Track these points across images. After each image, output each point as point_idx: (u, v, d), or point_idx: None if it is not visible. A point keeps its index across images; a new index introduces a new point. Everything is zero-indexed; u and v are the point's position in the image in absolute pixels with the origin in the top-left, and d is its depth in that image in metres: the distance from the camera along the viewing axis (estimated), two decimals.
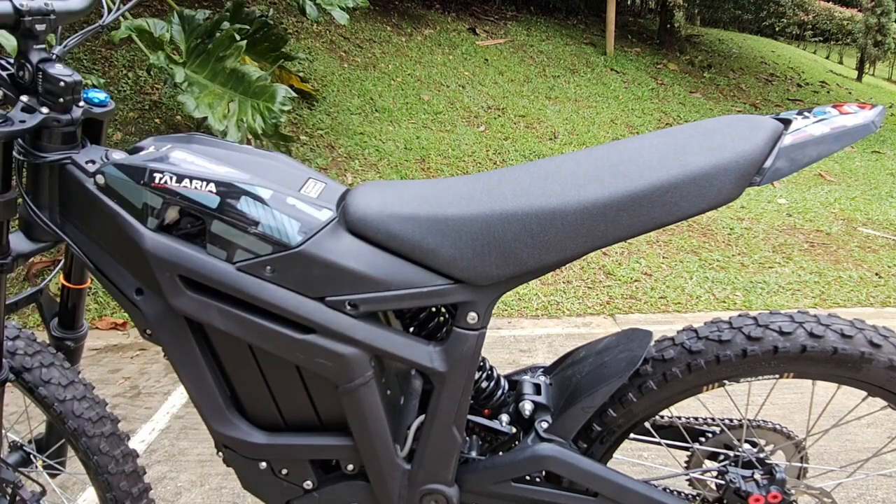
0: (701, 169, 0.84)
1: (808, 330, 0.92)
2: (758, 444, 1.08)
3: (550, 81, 6.22)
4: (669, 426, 1.12)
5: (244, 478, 1.05)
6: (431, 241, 0.89)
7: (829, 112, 0.89)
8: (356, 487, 1.03)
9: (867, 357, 0.90)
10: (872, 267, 3.31)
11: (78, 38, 0.97)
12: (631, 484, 0.99)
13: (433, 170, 4.39)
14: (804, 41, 11.89)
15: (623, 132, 5.53)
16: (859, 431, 1.97)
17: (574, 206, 0.86)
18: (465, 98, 5.51)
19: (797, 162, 0.85)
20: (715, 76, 7.46)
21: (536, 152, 4.85)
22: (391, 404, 1.02)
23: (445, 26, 6.70)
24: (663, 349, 0.98)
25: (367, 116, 4.90)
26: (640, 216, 0.85)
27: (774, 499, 1.01)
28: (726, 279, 3.15)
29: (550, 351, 2.48)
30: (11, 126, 0.88)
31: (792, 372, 0.94)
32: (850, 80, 9.71)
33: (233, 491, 1.72)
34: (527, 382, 1.09)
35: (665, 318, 2.80)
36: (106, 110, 1.02)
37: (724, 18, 10.37)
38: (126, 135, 3.87)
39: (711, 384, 0.97)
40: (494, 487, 1.02)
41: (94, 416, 1.08)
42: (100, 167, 0.93)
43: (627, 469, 1.04)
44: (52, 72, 0.90)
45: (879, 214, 4.07)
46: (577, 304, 2.91)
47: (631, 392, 0.98)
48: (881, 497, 1.67)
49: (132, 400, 2.18)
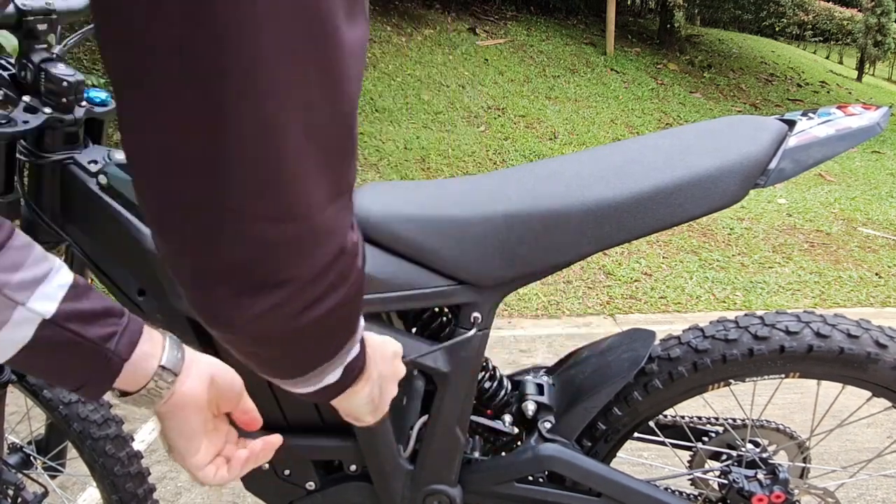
0: (706, 170, 0.84)
1: (815, 330, 0.91)
2: (761, 444, 1.08)
3: (550, 81, 6.22)
4: (673, 426, 1.11)
5: (246, 478, 1.05)
6: (435, 242, 0.89)
7: (833, 113, 0.88)
8: (359, 488, 1.03)
9: (873, 357, 0.90)
10: (872, 267, 3.31)
11: (78, 38, 0.97)
12: (634, 484, 0.99)
13: (433, 170, 4.39)
14: (804, 41, 11.90)
15: (623, 132, 5.53)
16: (859, 432, 1.97)
17: (578, 208, 0.85)
18: (465, 98, 5.51)
19: (802, 163, 0.85)
20: (715, 76, 7.46)
21: (536, 152, 4.85)
22: (394, 405, 1.01)
23: (445, 26, 6.70)
24: (669, 348, 0.98)
25: (367, 116, 4.90)
26: (645, 218, 0.85)
27: (778, 499, 1.01)
28: (726, 279, 3.15)
29: (550, 351, 2.48)
30: (15, 126, 0.87)
31: (798, 371, 0.94)
32: (850, 80, 9.71)
33: (233, 491, 1.72)
34: (530, 382, 1.09)
35: (665, 318, 2.80)
36: (107, 110, 1.01)
37: (724, 18, 10.38)
38: None
39: (717, 383, 0.97)
40: (498, 488, 1.02)
41: (99, 419, 1.08)
42: (102, 167, 0.92)
43: (629, 469, 1.04)
44: (54, 72, 0.89)
45: (879, 214, 4.07)
46: (577, 304, 2.91)
47: (636, 391, 0.98)
48: (881, 497, 1.67)
49: None
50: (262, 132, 0.32)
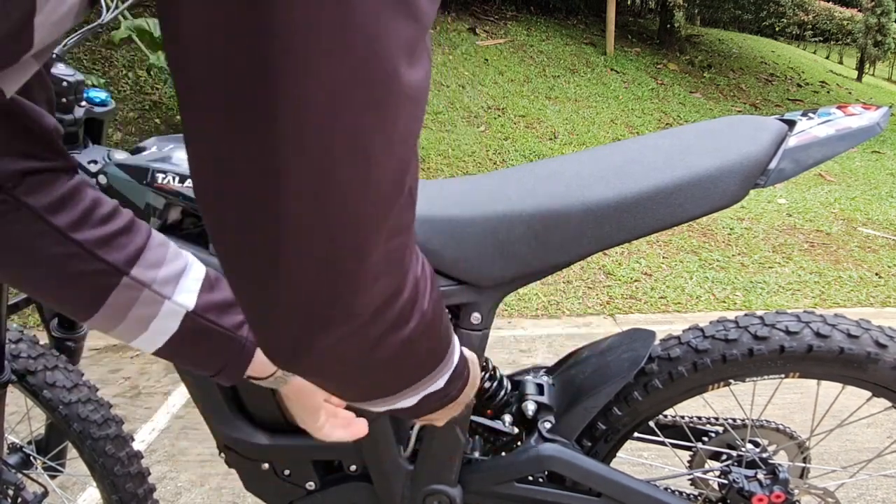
0: (706, 170, 0.84)
1: (815, 330, 0.91)
2: (761, 445, 1.08)
3: (550, 81, 6.22)
4: (673, 426, 1.11)
5: (246, 478, 1.05)
6: (435, 242, 0.89)
7: (833, 113, 0.88)
8: (359, 488, 1.03)
9: (873, 357, 0.90)
10: (872, 267, 3.31)
11: (77, 38, 0.97)
12: (634, 484, 0.99)
13: (433, 170, 4.39)
14: (804, 41, 11.90)
15: (623, 132, 5.53)
16: (859, 432, 1.97)
17: (578, 208, 0.85)
18: (465, 98, 5.51)
19: (802, 163, 0.84)
20: (715, 76, 7.46)
21: (536, 152, 4.85)
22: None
23: (445, 26, 6.70)
24: (669, 348, 0.98)
25: None
26: (645, 218, 0.85)
27: (778, 499, 1.01)
28: (726, 279, 3.15)
29: (550, 351, 2.48)
30: None
31: (798, 371, 0.94)
32: (850, 80, 9.71)
33: (233, 491, 1.72)
34: (530, 383, 1.09)
35: (665, 318, 2.80)
36: (107, 110, 1.01)
37: (724, 18, 10.38)
38: (126, 135, 3.87)
39: (717, 383, 0.97)
40: (498, 488, 1.02)
41: (100, 419, 1.08)
42: (102, 167, 0.92)
43: (629, 469, 1.04)
44: (54, 72, 0.89)
45: (879, 214, 4.07)
46: (577, 304, 2.91)
47: (636, 391, 0.98)
48: (881, 497, 1.67)
49: (132, 400, 2.18)
50: (315, 175, 0.30)
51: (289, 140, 0.29)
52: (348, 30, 0.27)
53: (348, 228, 0.33)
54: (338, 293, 0.36)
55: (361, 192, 0.32)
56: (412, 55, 0.30)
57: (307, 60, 0.27)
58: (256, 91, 0.28)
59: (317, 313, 0.36)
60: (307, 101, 0.28)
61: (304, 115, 0.28)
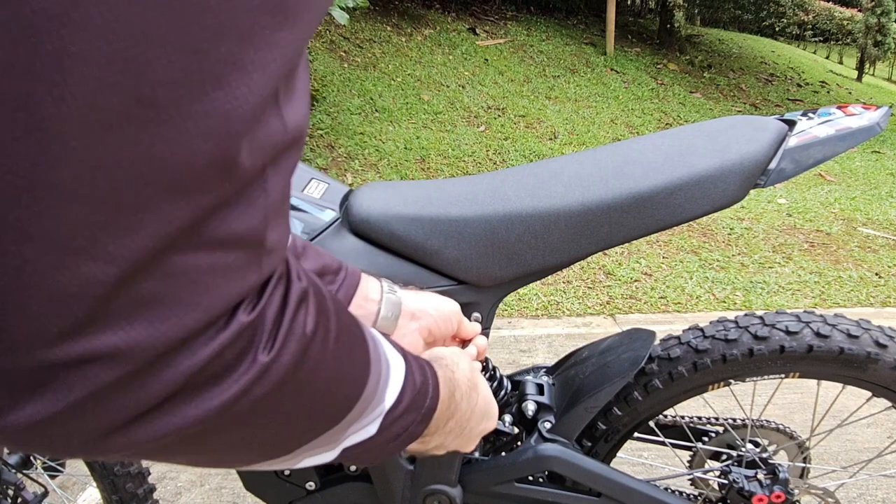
0: (706, 170, 0.84)
1: (815, 330, 0.91)
2: (761, 444, 1.08)
3: (550, 81, 6.22)
4: (673, 426, 1.11)
5: (246, 479, 1.05)
6: (435, 242, 0.89)
7: (833, 113, 0.88)
8: (359, 488, 1.03)
9: (873, 357, 0.90)
10: (872, 267, 3.31)
11: None
12: (635, 484, 0.99)
13: (433, 170, 4.39)
14: (804, 41, 11.90)
15: (623, 132, 5.53)
16: (859, 431, 1.97)
17: (578, 208, 0.85)
18: (465, 98, 5.51)
19: (802, 163, 0.84)
20: (715, 76, 7.46)
21: (536, 152, 4.85)
22: None
23: (445, 26, 6.70)
24: (669, 348, 0.98)
25: (367, 116, 4.90)
26: (645, 218, 0.85)
27: (778, 498, 1.01)
28: (726, 279, 3.15)
29: (550, 351, 2.48)
30: None
31: (798, 372, 0.94)
32: (850, 80, 9.71)
33: (233, 491, 1.72)
34: (530, 382, 1.09)
35: (665, 318, 2.80)
36: None
37: (724, 18, 10.38)
38: None
39: (717, 383, 0.97)
40: (498, 488, 1.02)
41: None
42: None
43: (629, 469, 1.04)
44: None
45: (879, 214, 4.07)
46: (577, 304, 2.91)
47: (636, 391, 0.98)
48: (881, 497, 1.67)
49: None
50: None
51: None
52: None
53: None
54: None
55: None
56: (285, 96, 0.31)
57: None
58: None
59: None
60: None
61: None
